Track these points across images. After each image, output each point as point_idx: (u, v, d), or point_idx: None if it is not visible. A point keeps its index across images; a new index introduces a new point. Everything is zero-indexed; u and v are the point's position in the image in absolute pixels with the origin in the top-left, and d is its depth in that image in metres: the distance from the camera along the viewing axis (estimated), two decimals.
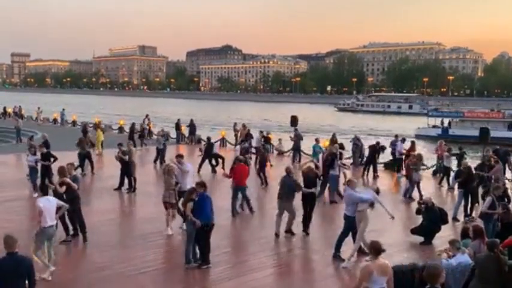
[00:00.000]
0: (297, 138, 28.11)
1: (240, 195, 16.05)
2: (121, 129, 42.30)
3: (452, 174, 20.95)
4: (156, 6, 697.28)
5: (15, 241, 7.16)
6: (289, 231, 13.67)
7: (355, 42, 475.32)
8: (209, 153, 23.89)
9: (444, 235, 13.51)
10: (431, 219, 13.52)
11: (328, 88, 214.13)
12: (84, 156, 22.36)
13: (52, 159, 18.09)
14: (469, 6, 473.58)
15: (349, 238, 11.87)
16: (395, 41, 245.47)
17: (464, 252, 9.04)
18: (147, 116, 39.75)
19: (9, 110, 56.89)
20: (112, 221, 15.07)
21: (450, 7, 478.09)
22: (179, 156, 14.97)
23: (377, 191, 12.28)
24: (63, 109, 52.27)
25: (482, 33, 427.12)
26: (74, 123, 49.18)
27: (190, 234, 11.03)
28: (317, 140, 25.10)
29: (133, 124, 34.01)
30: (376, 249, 7.30)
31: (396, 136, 25.25)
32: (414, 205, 16.74)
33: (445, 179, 22.10)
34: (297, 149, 28.15)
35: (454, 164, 21.94)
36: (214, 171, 23.41)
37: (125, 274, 10.60)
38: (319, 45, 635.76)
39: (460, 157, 21.00)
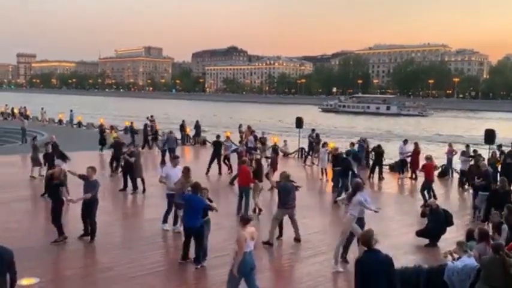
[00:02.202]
0: (312, 139, 28.24)
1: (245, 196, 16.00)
2: (126, 130, 42.31)
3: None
4: (162, 7, 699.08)
5: None
6: (297, 239, 13.34)
7: (360, 43, 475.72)
8: (218, 153, 23.84)
9: (449, 237, 13.49)
10: (436, 221, 13.49)
11: (334, 90, 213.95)
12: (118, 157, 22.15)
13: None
14: (474, 8, 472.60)
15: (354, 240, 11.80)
16: (401, 42, 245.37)
17: (471, 255, 9.02)
18: (151, 116, 39.62)
19: (15, 110, 57.16)
20: (118, 222, 15.11)
21: (456, 9, 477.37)
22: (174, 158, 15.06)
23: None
24: (72, 110, 52.25)
25: (487, 35, 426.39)
26: (79, 124, 49.35)
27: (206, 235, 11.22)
28: (352, 144, 24.72)
29: (145, 125, 34.00)
30: (244, 220, 9.04)
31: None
32: (419, 207, 16.75)
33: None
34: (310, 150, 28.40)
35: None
36: (220, 172, 23.38)
37: (129, 275, 10.59)
38: (325, 46, 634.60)
39: (476, 160, 20.77)
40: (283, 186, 12.99)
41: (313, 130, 29.38)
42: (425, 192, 18.16)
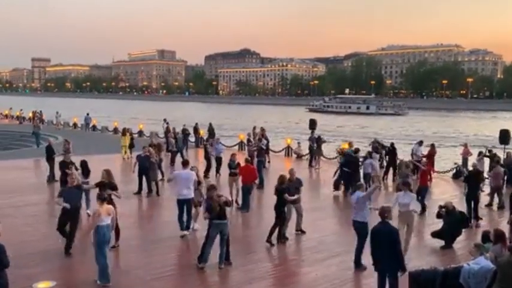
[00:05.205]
0: (312, 142, 28.08)
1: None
2: (140, 133, 42.61)
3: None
4: (175, 11, 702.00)
5: None
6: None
7: (373, 44, 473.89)
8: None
9: (465, 239, 13.41)
10: (452, 222, 13.39)
11: (347, 91, 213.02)
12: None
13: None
14: (488, 8, 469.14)
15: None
16: (414, 43, 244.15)
17: (487, 257, 8.94)
18: (164, 120, 39.75)
19: (30, 114, 57.63)
20: (133, 225, 15.11)
21: (469, 9, 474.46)
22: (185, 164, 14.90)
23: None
24: (88, 113, 52.49)
25: (501, 35, 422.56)
26: (94, 127, 49.60)
27: (212, 237, 11.18)
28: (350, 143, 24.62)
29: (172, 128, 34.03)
30: (100, 199, 10.17)
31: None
32: (434, 208, 16.62)
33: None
34: (312, 152, 28.12)
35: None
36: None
37: (146, 278, 10.64)
38: (337, 48, 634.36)
39: (491, 160, 20.57)
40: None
41: (312, 132, 29.25)
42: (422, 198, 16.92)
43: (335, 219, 16.96)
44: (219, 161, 23.56)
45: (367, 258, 10.65)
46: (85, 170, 15.73)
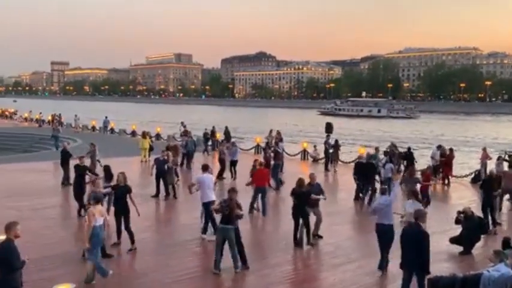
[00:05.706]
0: (328, 145, 28.03)
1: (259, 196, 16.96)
2: (158, 136, 42.79)
3: None
4: (192, 15, 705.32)
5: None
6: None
7: (390, 47, 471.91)
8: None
9: (483, 245, 13.28)
10: (470, 228, 13.26)
11: (363, 94, 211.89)
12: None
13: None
14: (506, 11, 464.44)
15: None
16: (432, 46, 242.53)
17: (507, 264, 8.84)
18: (182, 123, 39.95)
19: (49, 117, 58.20)
20: (150, 228, 15.18)
21: (487, 11, 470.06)
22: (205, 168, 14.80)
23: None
24: (106, 116, 52.87)
25: None
26: (112, 130, 49.92)
27: (218, 242, 11.23)
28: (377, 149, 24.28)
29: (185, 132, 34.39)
30: (95, 199, 10.69)
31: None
32: (453, 214, 16.48)
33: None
34: (328, 156, 28.02)
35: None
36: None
37: (164, 280, 10.70)
38: (354, 50, 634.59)
39: (511, 164, 20.31)
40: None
41: (327, 136, 29.09)
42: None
43: (352, 224, 16.89)
44: (234, 164, 23.61)
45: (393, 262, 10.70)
46: (108, 174, 15.85)
